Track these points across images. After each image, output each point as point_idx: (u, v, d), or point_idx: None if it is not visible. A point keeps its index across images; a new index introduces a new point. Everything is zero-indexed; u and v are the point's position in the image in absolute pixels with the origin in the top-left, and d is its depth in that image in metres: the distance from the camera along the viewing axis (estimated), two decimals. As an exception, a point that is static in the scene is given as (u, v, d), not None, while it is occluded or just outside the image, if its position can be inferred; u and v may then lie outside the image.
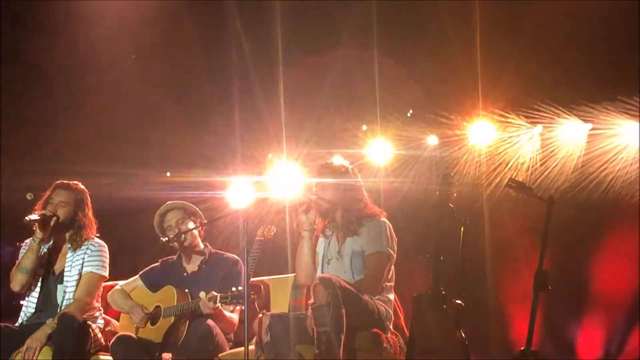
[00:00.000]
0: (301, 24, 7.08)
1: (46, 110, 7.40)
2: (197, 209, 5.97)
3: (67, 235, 5.81)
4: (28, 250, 5.68)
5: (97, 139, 7.48)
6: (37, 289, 5.76)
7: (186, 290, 5.74)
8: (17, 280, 5.71)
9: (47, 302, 5.74)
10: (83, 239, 5.79)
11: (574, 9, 6.32)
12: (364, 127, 7.39)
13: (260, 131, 7.47)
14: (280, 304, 5.71)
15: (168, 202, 5.94)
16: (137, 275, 6.00)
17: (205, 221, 5.88)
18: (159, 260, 6.03)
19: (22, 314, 5.80)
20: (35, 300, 5.75)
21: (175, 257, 5.98)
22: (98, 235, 5.89)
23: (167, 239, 5.75)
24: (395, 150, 7.30)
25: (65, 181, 5.82)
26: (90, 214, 5.85)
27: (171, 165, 7.60)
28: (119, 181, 7.32)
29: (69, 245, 5.81)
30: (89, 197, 5.86)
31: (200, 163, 7.53)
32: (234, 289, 5.33)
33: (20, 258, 5.74)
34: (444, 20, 6.68)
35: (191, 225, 5.85)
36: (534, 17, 6.53)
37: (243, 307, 5.29)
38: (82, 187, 5.86)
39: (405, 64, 6.95)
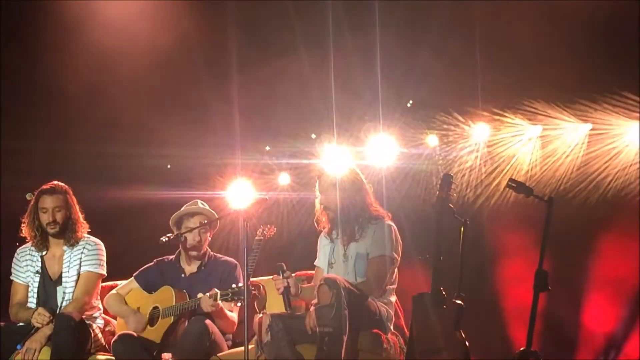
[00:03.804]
0: (299, 22, 7.07)
1: (45, 109, 7.39)
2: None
3: (64, 235, 5.80)
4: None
5: (94, 138, 7.46)
6: (38, 293, 5.76)
7: (184, 291, 5.72)
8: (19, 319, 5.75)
9: (47, 303, 5.72)
10: (78, 235, 5.78)
11: (574, 8, 6.32)
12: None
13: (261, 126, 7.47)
14: (275, 304, 5.69)
15: (198, 206, 5.88)
16: (132, 277, 5.96)
17: (205, 222, 5.84)
18: (154, 260, 5.98)
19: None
20: (35, 302, 5.75)
21: (172, 257, 5.95)
22: (89, 230, 5.87)
23: (166, 239, 5.71)
24: (395, 149, 7.29)
25: (47, 186, 5.78)
26: (77, 208, 5.84)
27: (171, 163, 7.60)
28: (117, 180, 7.32)
29: (66, 245, 5.80)
30: (71, 192, 5.84)
31: (200, 162, 7.53)
32: (234, 285, 5.32)
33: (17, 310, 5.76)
34: (445, 20, 6.66)
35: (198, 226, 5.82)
36: (534, 16, 6.53)
37: (240, 305, 5.30)
38: (63, 184, 5.84)
39: (406, 63, 6.94)
